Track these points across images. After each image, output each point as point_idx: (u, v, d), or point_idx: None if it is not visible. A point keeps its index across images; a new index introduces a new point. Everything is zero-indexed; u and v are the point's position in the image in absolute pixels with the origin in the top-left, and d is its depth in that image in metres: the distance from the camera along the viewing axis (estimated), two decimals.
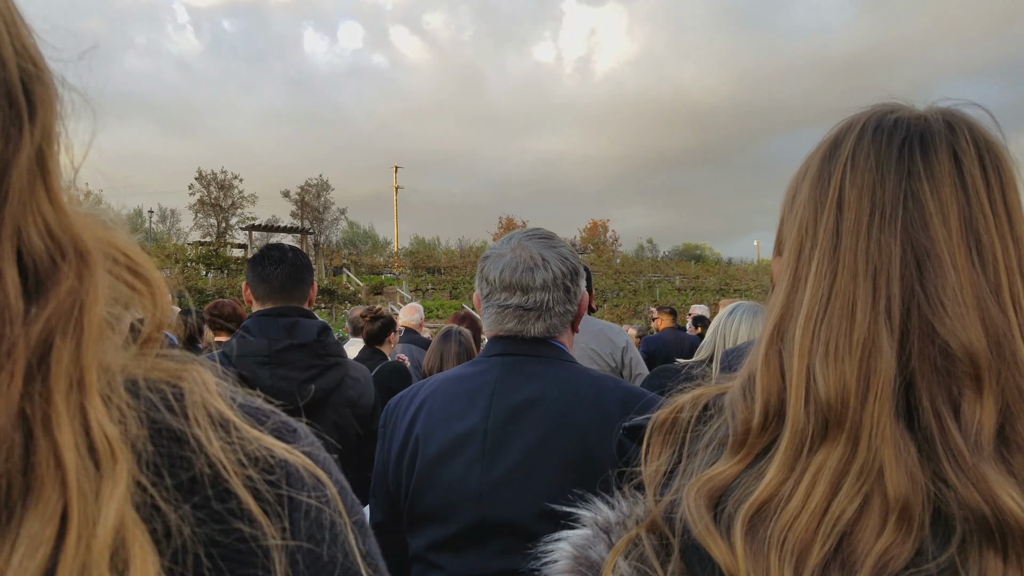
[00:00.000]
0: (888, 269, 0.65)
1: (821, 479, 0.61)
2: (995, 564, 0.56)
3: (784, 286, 0.72)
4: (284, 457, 0.54)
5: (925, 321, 0.63)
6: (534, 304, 1.58)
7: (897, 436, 0.60)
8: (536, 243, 1.63)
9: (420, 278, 35.70)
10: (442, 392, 1.62)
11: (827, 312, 0.66)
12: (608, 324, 3.67)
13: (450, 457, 1.52)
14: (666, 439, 0.74)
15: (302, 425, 0.60)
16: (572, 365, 1.62)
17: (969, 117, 0.71)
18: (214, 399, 0.53)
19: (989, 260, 0.65)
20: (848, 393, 0.62)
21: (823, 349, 0.65)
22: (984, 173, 0.67)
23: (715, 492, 0.65)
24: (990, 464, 0.58)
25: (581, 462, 1.46)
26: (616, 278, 37.64)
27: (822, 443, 0.63)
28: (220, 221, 36.39)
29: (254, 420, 0.55)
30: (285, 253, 2.39)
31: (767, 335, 0.70)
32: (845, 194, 0.69)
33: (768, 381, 0.67)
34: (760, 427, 0.66)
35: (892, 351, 0.63)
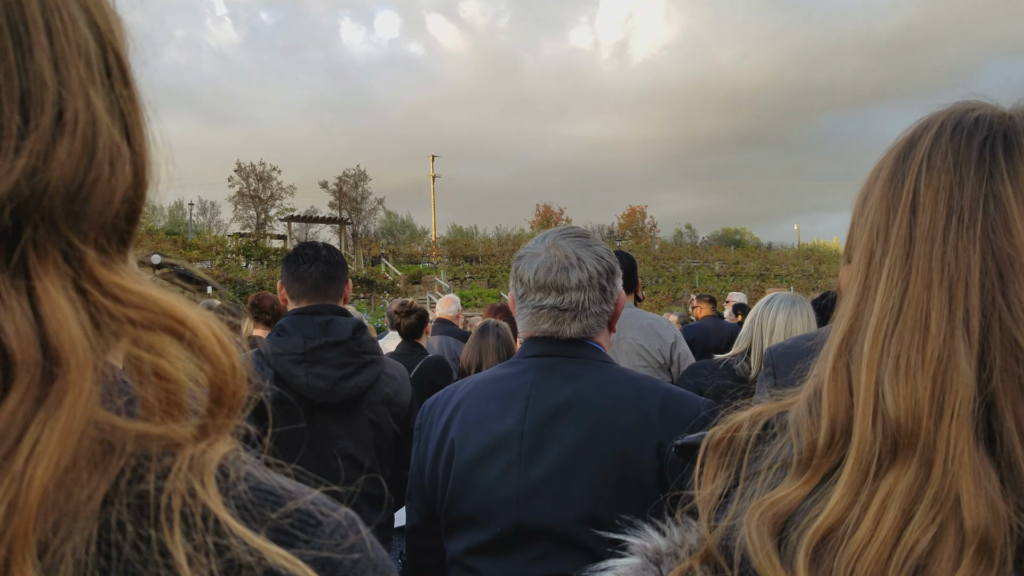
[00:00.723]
0: (966, 278, 0.60)
1: (891, 505, 0.57)
2: None
3: (853, 294, 0.67)
4: (276, 566, 0.42)
5: (1008, 335, 0.58)
6: (569, 304, 1.55)
7: (977, 461, 0.56)
8: (571, 242, 1.60)
9: (458, 267, 35.85)
10: (478, 394, 1.60)
11: (898, 323, 0.62)
12: (656, 317, 3.57)
13: (487, 460, 1.50)
14: (722, 460, 0.70)
15: (335, 516, 0.48)
16: (609, 366, 1.59)
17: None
18: (203, 485, 0.43)
19: None
20: (920, 412, 0.58)
21: (893, 363, 0.60)
22: None
23: (779, 518, 0.61)
24: None
25: (620, 465, 1.43)
26: (655, 264, 37.31)
27: (891, 465, 0.58)
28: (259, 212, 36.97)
29: (260, 509, 0.45)
30: (319, 251, 2.40)
31: (835, 347, 0.66)
32: (920, 196, 0.64)
33: (836, 396, 0.63)
34: (827, 446, 0.62)
35: (971, 368, 0.58)
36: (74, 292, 0.40)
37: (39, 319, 0.37)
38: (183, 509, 0.41)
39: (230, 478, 0.45)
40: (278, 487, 0.47)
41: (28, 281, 0.38)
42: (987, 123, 0.65)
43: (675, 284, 33.73)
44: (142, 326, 0.42)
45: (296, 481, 0.49)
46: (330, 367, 2.22)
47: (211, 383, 0.44)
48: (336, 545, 0.46)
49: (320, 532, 0.46)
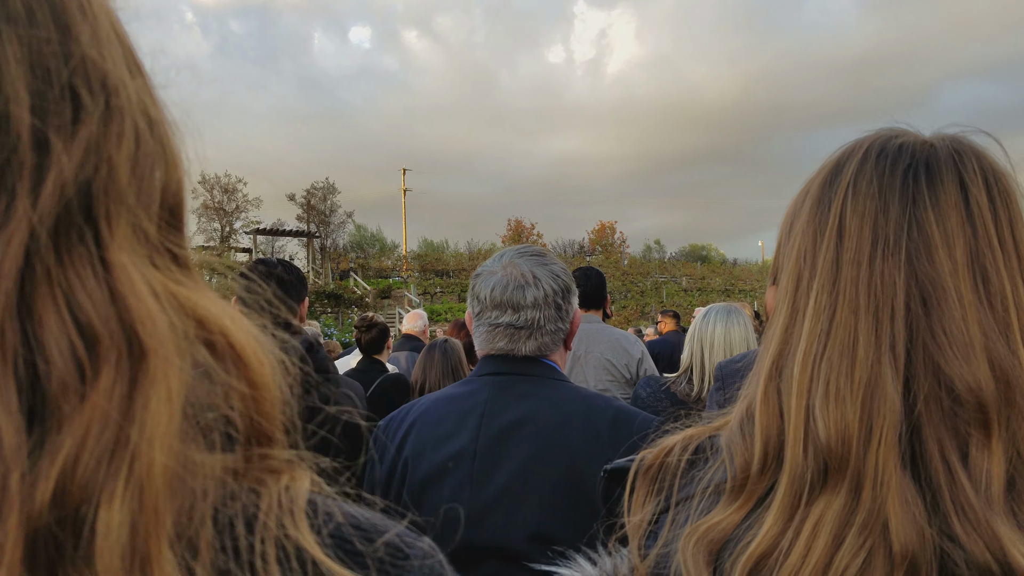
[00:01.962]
0: (892, 303, 0.61)
1: (822, 531, 0.57)
2: None
3: (781, 318, 0.68)
4: None
5: (932, 361, 0.59)
6: (525, 322, 1.56)
7: (904, 486, 0.57)
8: (527, 260, 1.61)
9: (428, 281, 35.72)
10: (431, 413, 1.59)
11: (827, 348, 0.62)
12: (624, 334, 3.59)
13: (439, 479, 1.49)
14: (652, 485, 0.70)
15: (421, 546, 0.47)
16: (563, 384, 1.59)
17: (977, 145, 0.68)
18: (295, 525, 0.41)
19: (997, 296, 0.61)
20: (850, 437, 0.58)
21: (823, 389, 0.61)
22: (992, 204, 0.63)
23: (714, 544, 0.61)
24: (1001, 518, 0.54)
25: (570, 482, 1.44)
26: (624, 279, 37.59)
27: (822, 490, 0.59)
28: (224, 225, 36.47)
29: (352, 545, 0.43)
30: (272, 268, 2.37)
31: (765, 370, 0.67)
32: (846, 222, 0.65)
33: (767, 420, 0.64)
34: (760, 470, 0.62)
35: (897, 393, 0.59)
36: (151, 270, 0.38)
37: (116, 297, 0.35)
38: (279, 554, 0.39)
39: (320, 515, 0.43)
40: (365, 521, 0.46)
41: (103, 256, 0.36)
42: (910, 150, 0.66)
43: (643, 299, 34.00)
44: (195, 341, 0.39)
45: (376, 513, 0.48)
46: None
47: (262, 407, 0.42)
48: (428, 569, 0.46)
49: (410, 566, 0.45)
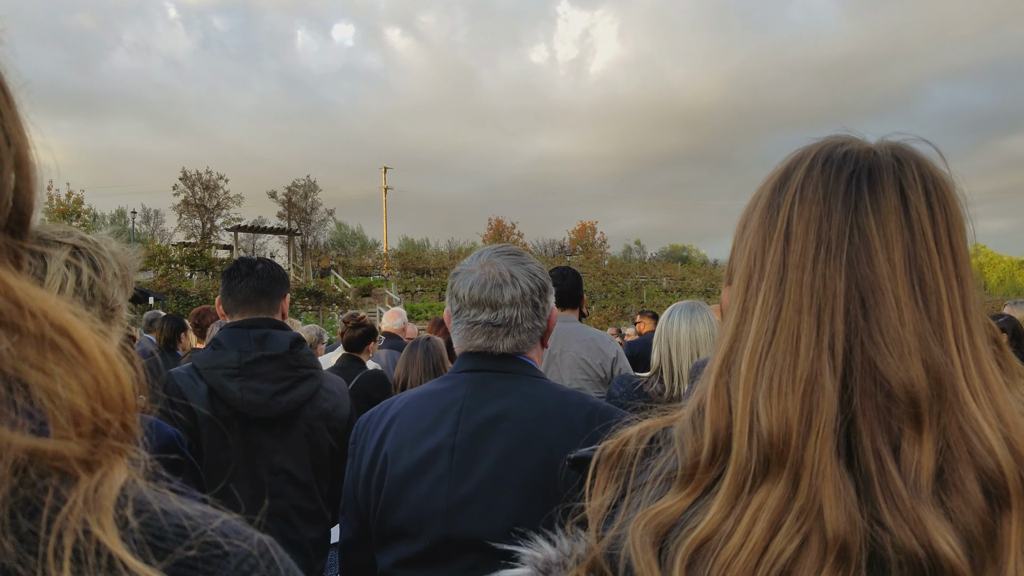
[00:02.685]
0: (832, 304, 0.64)
1: (761, 517, 0.60)
2: None
3: (733, 317, 0.71)
4: None
5: (868, 358, 0.63)
6: (503, 320, 1.59)
7: (837, 475, 0.60)
8: (505, 259, 1.64)
9: (409, 279, 35.62)
10: (411, 409, 1.62)
11: (772, 346, 0.66)
12: (599, 333, 3.64)
13: (418, 474, 1.53)
14: (611, 472, 0.73)
15: (244, 546, 0.45)
16: (540, 380, 1.63)
17: (918, 153, 0.71)
18: (98, 519, 0.40)
19: (932, 298, 0.64)
20: (790, 430, 0.61)
21: (767, 384, 0.64)
22: (931, 210, 0.67)
23: (661, 528, 0.64)
24: (928, 506, 0.57)
25: (547, 477, 1.47)
26: (604, 279, 37.71)
27: (764, 480, 0.62)
28: (205, 222, 36.10)
29: (160, 543, 0.42)
30: (253, 266, 2.38)
31: (716, 366, 0.70)
32: (793, 226, 0.69)
33: (716, 414, 0.67)
34: (708, 461, 0.66)
35: (834, 388, 0.62)
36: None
37: None
38: (75, 546, 0.39)
39: (128, 510, 0.42)
40: (182, 517, 0.44)
41: None
42: (854, 158, 0.70)
43: (623, 299, 34.15)
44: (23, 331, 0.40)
45: (209, 508, 0.47)
46: (265, 381, 2.20)
47: (97, 397, 0.42)
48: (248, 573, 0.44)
49: (226, 564, 0.44)
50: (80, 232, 1.35)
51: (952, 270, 0.65)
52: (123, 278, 1.38)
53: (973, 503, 0.58)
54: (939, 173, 0.69)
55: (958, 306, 0.64)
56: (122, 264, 1.38)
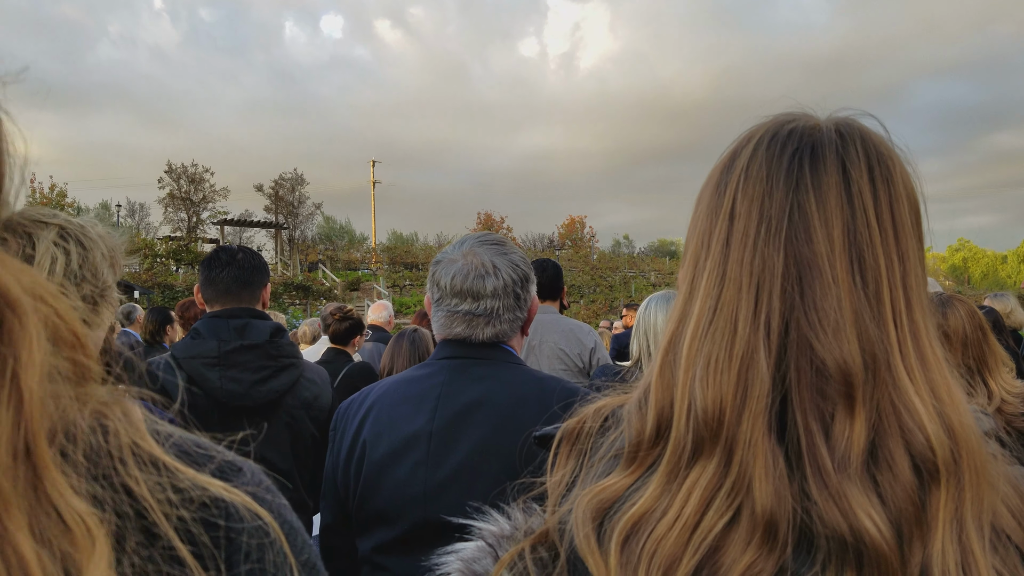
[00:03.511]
0: (770, 282, 0.64)
1: (694, 494, 0.61)
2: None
3: (681, 296, 0.71)
4: (220, 495, 0.50)
5: (803, 337, 0.63)
6: (484, 311, 1.60)
7: (768, 452, 0.60)
8: (488, 249, 1.65)
9: (397, 274, 35.54)
10: (390, 395, 1.63)
11: (712, 324, 0.66)
12: (578, 324, 3.66)
13: (397, 460, 1.54)
14: (572, 450, 0.74)
15: (250, 464, 0.57)
16: (518, 367, 1.64)
17: (864, 128, 0.70)
18: (142, 438, 0.49)
19: (871, 276, 0.64)
20: (725, 408, 0.62)
21: (704, 362, 0.64)
22: (873, 186, 0.66)
23: (603, 504, 0.65)
24: (854, 482, 0.57)
25: (525, 462, 1.48)
26: (592, 274, 37.78)
27: (699, 457, 0.62)
28: (191, 215, 35.86)
29: (191, 458, 0.52)
30: (234, 255, 2.37)
31: (663, 345, 0.70)
32: (737, 205, 0.68)
33: (660, 393, 0.67)
34: (651, 440, 0.66)
35: (768, 366, 0.62)
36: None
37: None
38: (135, 457, 0.48)
39: (158, 433, 0.51)
40: (198, 442, 0.55)
41: None
42: (798, 135, 0.69)
43: (612, 293, 34.23)
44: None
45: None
46: (245, 370, 2.19)
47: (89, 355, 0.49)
48: (259, 483, 0.55)
49: (243, 475, 0.55)
50: (64, 215, 1.34)
51: (893, 246, 0.65)
52: (111, 259, 1.37)
53: (902, 479, 0.58)
54: (884, 148, 0.69)
55: (898, 282, 0.64)
56: (109, 246, 1.37)
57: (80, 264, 1.29)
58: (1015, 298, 5.60)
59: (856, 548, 0.56)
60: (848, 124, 0.70)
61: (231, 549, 0.49)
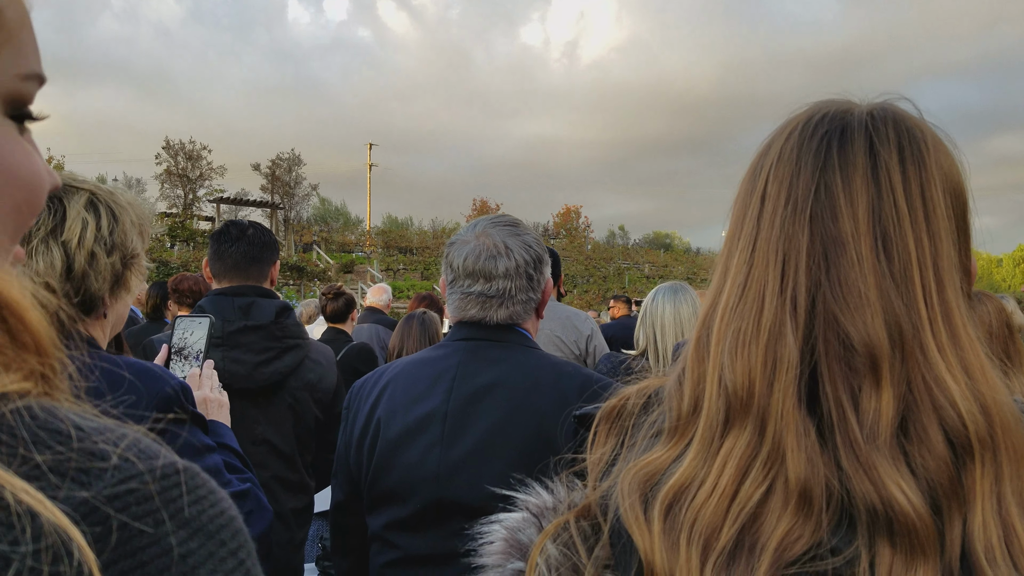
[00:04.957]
0: (796, 259, 0.66)
1: (730, 464, 0.62)
2: (886, 553, 0.58)
3: (716, 277, 0.74)
4: (18, 503, 0.35)
5: (829, 311, 0.64)
6: (496, 292, 1.60)
7: (799, 422, 0.62)
8: (501, 230, 1.64)
9: (392, 258, 35.50)
10: (405, 375, 1.63)
11: (741, 301, 0.68)
12: (575, 311, 3.67)
13: (410, 439, 1.54)
14: (612, 428, 0.75)
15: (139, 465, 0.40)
16: (533, 351, 1.64)
17: (899, 111, 0.71)
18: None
19: (898, 254, 0.64)
20: (754, 379, 0.63)
21: (733, 337, 0.66)
22: (903, 167, 0.67)
23: (648, 477, 0.66)
24: (883, 454, 0.59)
25: (538, 445, 1.49)
26: (587, 264, 37.83)
27: (731, 428, 0.64)
28: (187, 192, 35.67)
29: (30, 445, 0.38)
30: (244, 230, 2.33)
31: (699, 323, 0.72)
32: (768, 186, 0.70)
33: (696, 368, 0.69)
34: (689, 413, 0.68)
35: (795, 340, 0.64)
36: None
37: None
38: None
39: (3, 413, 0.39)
40: (72, 427, 0.40)
41: None
42: (830, 119, 0.71)
43: (605, 284, 34.30)
44: None
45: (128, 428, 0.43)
46: (249, 352, 2.16)
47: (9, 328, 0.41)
48: (117, 496, 0.38)
49: (102, 477, 0.38)
50: (94, 181, 1.33)
51: (924, 226, 0.65)
52: (140, 227, 1.36)
53: (936, 452, 0.59)
54: (919, 131, 0.69)
55: (928, 261, 0.65)
56: (138, 214, 1.36)
57: (110, 231, 1.29)
58: (1014, 301, 5.64)
59: (888, 519, 0.57)
60: (882, 107, 0.71)
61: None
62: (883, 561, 0.57)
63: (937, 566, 0.57)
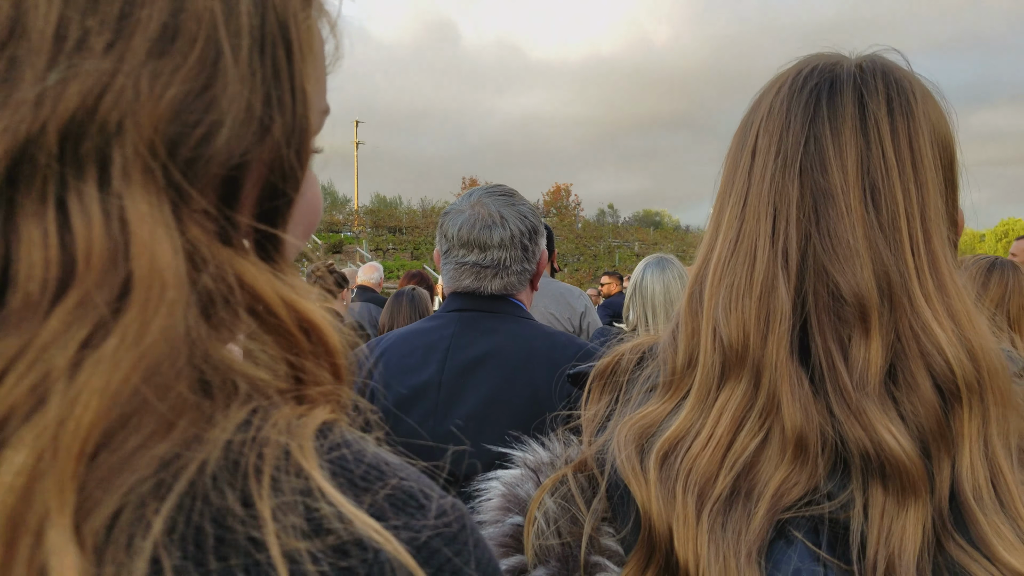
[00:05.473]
0: (787, 211, 0.66)
1: (725, 415, 0.64)
2: (879, 495, 0.59)
3: (708, 234, 0.74)
4: (365, 536, 0.37)
5: (819, 263, 0.65)
6: (491, 262, 1.60)
7: (792, 372, 0.63)
8: (496, 200, 1.64)
9: (381, 237, 35.37)
10: (399, 346, 1.63)
11: (734, 255, 0.68)
12: (568, 287, 3.68)
13: (405, 409, 1.54)
14: (606, 385, 0.76)
15: (442, 503, 0.42)
16: (528, 322, 1.65)
17: (888, 63, 0.71)
18: (300, 448, 0.39)
19: (886, 205, 0.65)
20: (749, 332, 0.64)
21: (727, 291, 0.67)
22: (891, 118, 0.67)
23: (643, 430, 0.67)
24: (873, 401, 0.60)
25: (532, 415, 1.50)
26: (577, 242, 37.87)
27: (727, 381, 0.65)
28: None
29: (358, 480, 0.40)
30: None
31: (691, 280, 0.73)
32: (759, 141, 0.70)
33: (689, 324, 0.70)
34: (683, 368, 0.69)
35: (788, 292, 0.65)
36: (177, 232, 0.37)
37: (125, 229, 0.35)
38: (276, 465, 0.38)
39: (329, 442, 0.41)
40: (382, 462, 0.42)
41: (120, 196, 0.35)
42: (819, 72, 0.71)
43: (596, 262, 34.37)
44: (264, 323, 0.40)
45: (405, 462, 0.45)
46: None
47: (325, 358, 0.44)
48: (438, 533, 0.41)
49: (422, 515, 0.41)
50: None
51: (911, 177, 0.66)
52: None
53: (924, 398, 0.60)
54: (907, 82, 0.69)
55: (915, 211, 0.65)
56: None
57: None
58: None
59: (880, 463, 0.59)
60: (871, 59, 0.72)
61: None
62: (876, 503, 0.59)
63: (927, 506, 0.59)
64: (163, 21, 0.36)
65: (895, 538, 0.58)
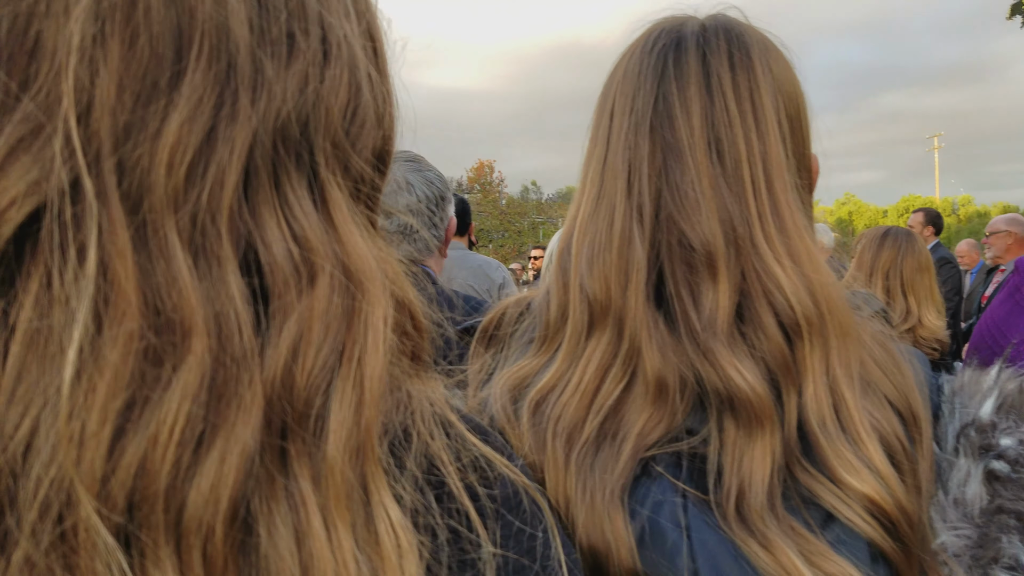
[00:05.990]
0: (639, 168, 0.69)
1: (592, 363, 0.67)
2: (731, 429, 0.63)
3: (576, 194, 0.77)
4: (503, 473, 0.47)
5: (670, 216, 0.68)
6: (397, 228, 1.59)
7: (649, 320, 0.66)
8: (402, 166, 1.63)
9: None
10: None
11: (595, 213, 0.71)
12: (487, 260, 3.69)
13: None
14: (492, 340, 0.78)
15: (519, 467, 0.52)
16: (435, 287, 1.65)
17: (730, 19, 0.74)
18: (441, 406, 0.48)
19: (729, 156, 0.68)
20: (610, 285, 0.67)
21: (589, 247, 0.70)
22: (733, 72, 0.70)
23: (518, 382, 0.70)
24: (720, 341, 0.64)
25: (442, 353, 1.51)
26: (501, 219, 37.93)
27: (594, 332, 0.68)
28: None
29: (481, 435, 0.49)
30: None
31: (563, 237, 0.75)
32: (615, 103, 0.73)
33: (560, 280, 0.72)
34: (557, 322, 0.71)
35: (643, 245, 0.68)
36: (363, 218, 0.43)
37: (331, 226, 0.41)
38: (434, 421, 0.46)
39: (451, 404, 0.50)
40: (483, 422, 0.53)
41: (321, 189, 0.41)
42: (667, 33, 0.74)
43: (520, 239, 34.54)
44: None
45: None
46: None
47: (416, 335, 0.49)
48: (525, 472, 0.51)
49: (516, 460, 0.51)
50: None
51: (753, 126, 0.69)
52: None
53: (770, 335, 0.64)
54: (748, 37, 0.73)
55: (757, 159, 0.69)
56: None
57: None
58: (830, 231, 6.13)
59: (729, 398, 0.63)
60: (714, 18, 0.75)
61: (504, 525, 0.45)
62: (729, 437, 0.63)
63: (777, 437, 0.62)
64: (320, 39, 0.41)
65: (745, 468, 0.61)
